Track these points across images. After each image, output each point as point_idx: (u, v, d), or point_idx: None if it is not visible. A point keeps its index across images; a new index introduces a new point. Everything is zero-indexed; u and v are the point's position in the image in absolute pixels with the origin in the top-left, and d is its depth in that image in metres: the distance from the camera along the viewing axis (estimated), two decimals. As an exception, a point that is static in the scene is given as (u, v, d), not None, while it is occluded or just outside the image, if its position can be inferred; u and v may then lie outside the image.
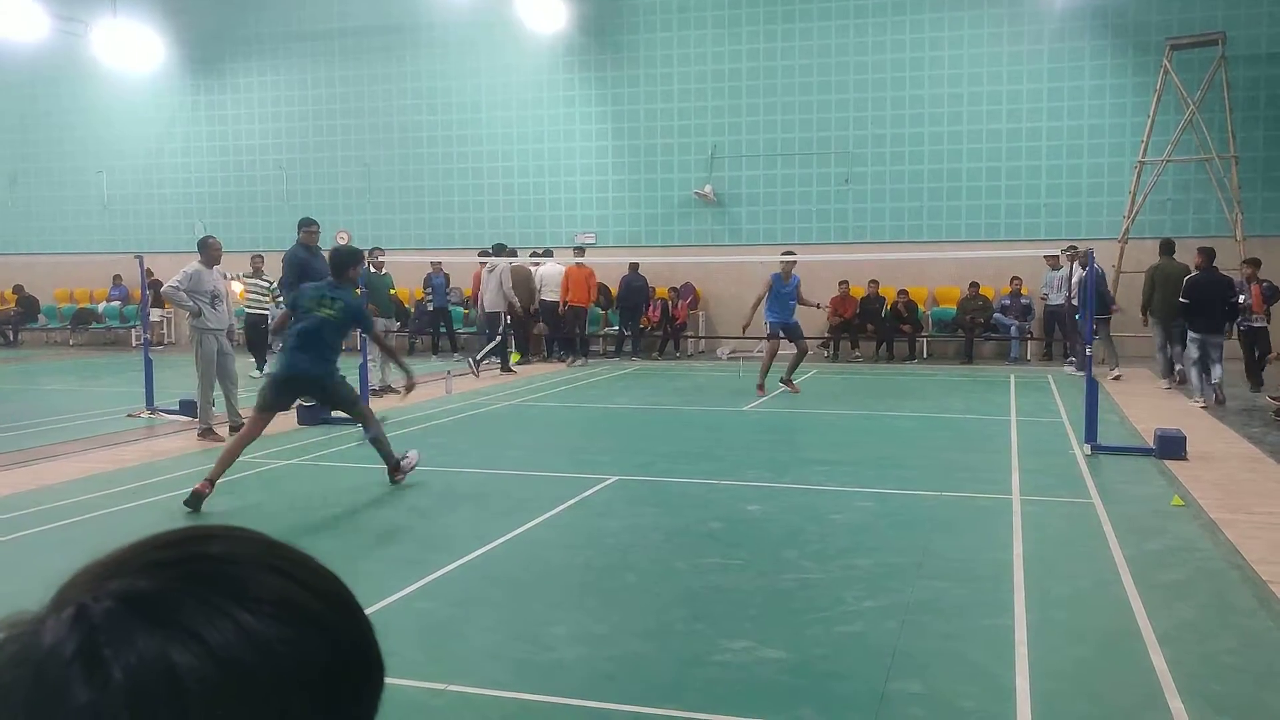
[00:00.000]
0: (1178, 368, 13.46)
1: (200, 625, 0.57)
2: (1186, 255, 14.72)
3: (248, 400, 11.08)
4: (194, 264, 10.22)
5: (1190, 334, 12.21)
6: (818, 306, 15.00)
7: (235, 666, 0.56)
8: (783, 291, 13.03)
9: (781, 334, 13.15)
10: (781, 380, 13.39)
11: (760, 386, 13.17)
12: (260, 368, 16.47)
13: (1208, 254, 12.59)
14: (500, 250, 16.66)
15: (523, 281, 17.53)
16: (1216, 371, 11.98)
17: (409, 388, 8.46)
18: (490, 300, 15.87)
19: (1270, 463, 8.65)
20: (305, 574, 0.64)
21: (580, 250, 18.19)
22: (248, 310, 16.16)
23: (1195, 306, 12.21)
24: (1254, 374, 13.15)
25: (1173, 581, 5.50)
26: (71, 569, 0.62)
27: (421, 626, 4.93)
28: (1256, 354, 13.29)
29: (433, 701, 4.04)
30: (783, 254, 13.61)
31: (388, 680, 0.67)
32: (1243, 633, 4.77)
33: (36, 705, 0.55)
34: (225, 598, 0.58)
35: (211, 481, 7.11)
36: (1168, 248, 13.75)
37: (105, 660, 0.55)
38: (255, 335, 15.85)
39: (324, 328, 7.62)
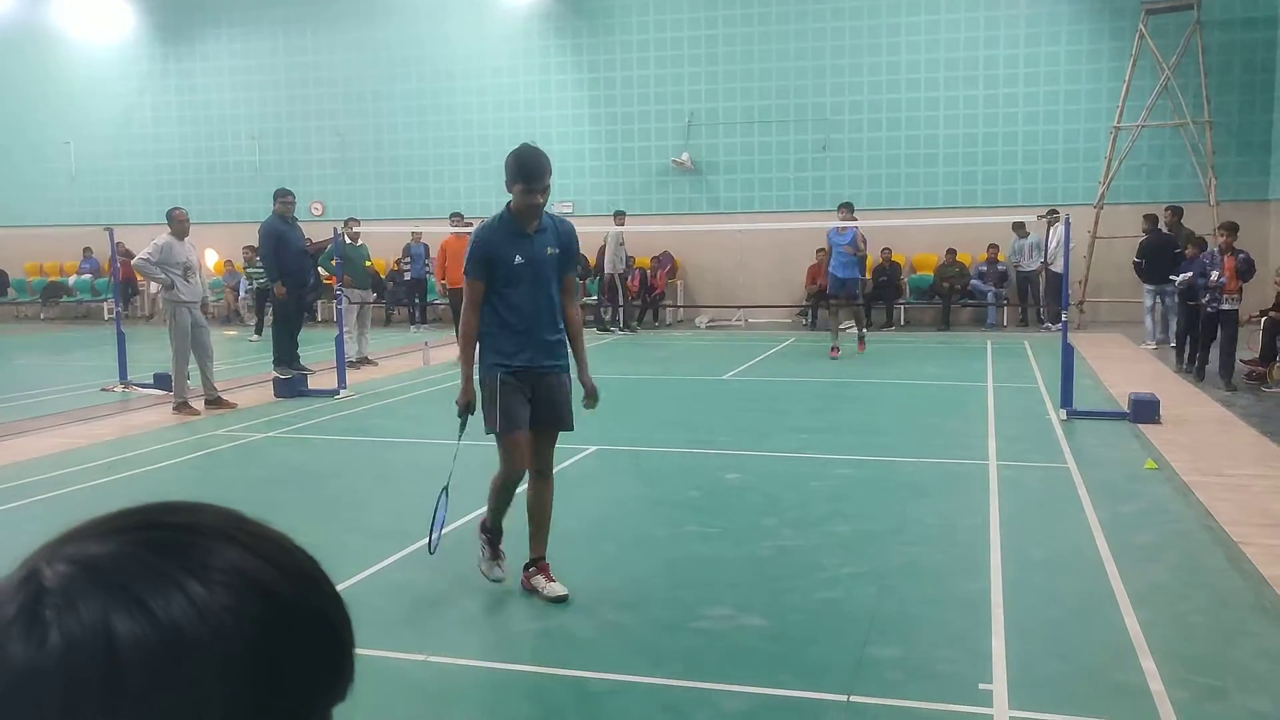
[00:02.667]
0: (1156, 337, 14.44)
1: (145, 590, 0.56)
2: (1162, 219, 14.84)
3: (223, 375, 11.01)
4: (164, 236, 10.08)
5: (1145, 286, 14.41)
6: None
7: (175, 633, 0.55)
8: (838, 243, 13.22)
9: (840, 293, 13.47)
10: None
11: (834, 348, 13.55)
12: (259, 331, 16.80)
13: (1152, 219, 14.42)
14: (620, 217, 17.72)
15: None
16: (1173, 326, 13.53)
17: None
18: (610, 263, 17.71)
19: (1242, 425, 8.75)
20: (267, 547, 0.62)
21: (458, 217, 16.21)
22: (256, 281, 17.28)
23: (1146, 265, 14.15)
24: (1227, 370, 10.78)
25: (1146, 544, 5.57)
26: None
27: (401, 598, 4.93)
28: (1221, 341, 10.97)
29: (413, 671, 4.04)
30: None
31: (370, 652, 0.66)
32: (1214, 593, 4.84)
33: None
34: (176, 566, 0.57)
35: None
36: (1176, 214, 14.90)
37: (46, 621, 0.55)
38: (261, 304, 17.28)
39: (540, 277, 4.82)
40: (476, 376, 4.86)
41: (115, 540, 0.59)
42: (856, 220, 13.46)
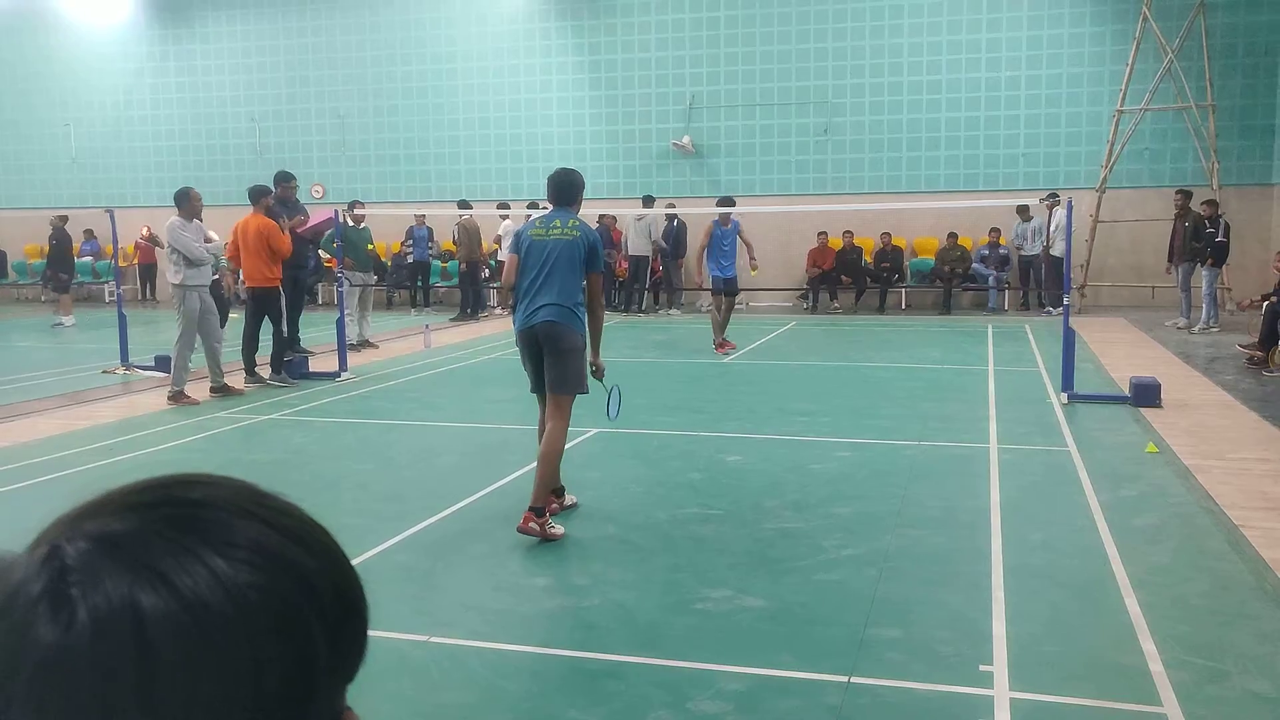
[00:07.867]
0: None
1: (170, 568, 0.56)
2: (1165, 203, 14.87)
3: (225, 357, 10.98)
4: (176, 218, 9.88)
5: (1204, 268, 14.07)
6: (752, 262, 13.38)
7: (202, 610, 0.55)
8: (722, 243, 12.46)
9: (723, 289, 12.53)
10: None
11: (720, 344, 12.58)
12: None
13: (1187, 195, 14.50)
14: (649, 202, 17.75)
15: (471, 235, 17.51)
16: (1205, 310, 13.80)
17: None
18: (634, 245, 18.03)
19: (1242, 409, 8.75)
20: (287, 521, 0.62)
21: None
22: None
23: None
24: None
25: (1146, 526, 5.57)
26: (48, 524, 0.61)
27: (403, 579, 4.94)
28: None
29: (415, 653, 4.06)
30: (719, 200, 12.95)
31: (371, 633, 0.66)
32: (1214, 576, 4.85)
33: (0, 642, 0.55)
34: (198, 541, 0.58)
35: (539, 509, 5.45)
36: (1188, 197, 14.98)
37: (72, 600, 0.55)
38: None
39: (561, 257, 5.90)
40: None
41: (135, 516, 0.59)
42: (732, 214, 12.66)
